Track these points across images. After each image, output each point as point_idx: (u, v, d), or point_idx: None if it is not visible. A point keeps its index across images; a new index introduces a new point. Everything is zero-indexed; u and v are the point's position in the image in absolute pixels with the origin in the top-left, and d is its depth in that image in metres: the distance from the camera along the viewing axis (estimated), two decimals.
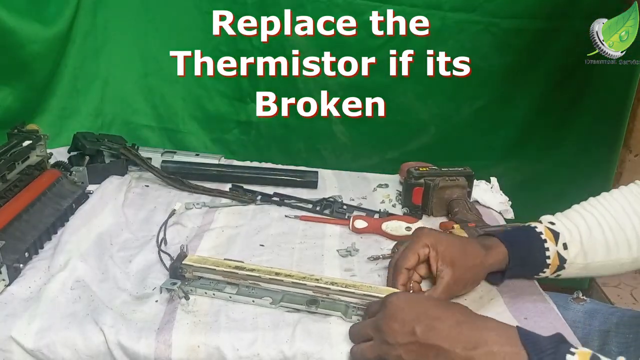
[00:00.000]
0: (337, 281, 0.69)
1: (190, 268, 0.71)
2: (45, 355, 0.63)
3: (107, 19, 1.15)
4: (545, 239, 0.72)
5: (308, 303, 0.68)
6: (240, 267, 0.71)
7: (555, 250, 0.71)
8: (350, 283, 0.69)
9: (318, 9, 1.11)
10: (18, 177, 0.87)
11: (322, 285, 0.68)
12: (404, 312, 0.57)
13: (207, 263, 0.72)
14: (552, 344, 0.51)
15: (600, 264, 0.72)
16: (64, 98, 1.16)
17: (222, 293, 0.71)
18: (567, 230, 0.73)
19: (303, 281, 0.69)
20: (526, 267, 0.73)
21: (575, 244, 0.72)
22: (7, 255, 0.71)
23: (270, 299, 0.69)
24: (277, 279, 0.69)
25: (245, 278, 0.70)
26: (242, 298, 0.70)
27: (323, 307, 0.68)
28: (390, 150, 1.30)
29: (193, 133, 1.26)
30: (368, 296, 0.67)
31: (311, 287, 0.69)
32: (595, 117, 1.29)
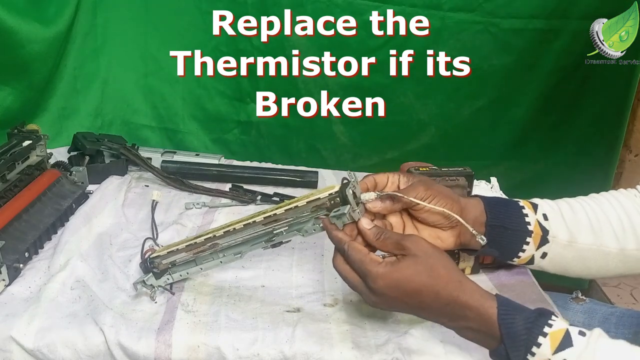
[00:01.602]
0: (280, 206, 0.65)
1: (159, 259, 0.71)
2: (45, 355, 0.63)
3: (107, 19, 1.15)
4: (523, 205, 0.67)
5: (267, 240, 0.66)
6: (198, 236, 0.70)
7: (535, 218, 0.66)
8: (293, 200, 0.64)
9: (318, 9, 1.11)
10: (18, 177, 0.87)
11: (269, 214, 0.64)
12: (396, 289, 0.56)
13: (169, 248, 0.71)
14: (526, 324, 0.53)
15: (586, 247, 0.66)
16: (64, 98, 1.16)
17: (194, 268, 0.70)
18: (547, 205, 0.68)
19: (251, 220, 0.66)
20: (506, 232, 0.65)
21: (556, 216, 0.67)
22: (7, 255, 0.71)
23: (236, 252, 0.68)
24: (229, 229, 0.67)
25: (204, 243, 0.68)
26: (211, 264, 0.70)
27: (281, 237, 0.66)
28: (390, 150, 1.30)
29: (193, 133, 1.26)
30: (311, 202, 0.62)
31: (260, 221, 0.65)
32: (595, 117, 1.29)
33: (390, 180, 0.65)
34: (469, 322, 0.56)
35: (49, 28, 1.05)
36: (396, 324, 0.68)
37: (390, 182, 0.65)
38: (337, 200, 0.60)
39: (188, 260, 0.71)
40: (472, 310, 0.55)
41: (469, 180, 0.98)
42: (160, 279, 0.71)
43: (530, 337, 0.53)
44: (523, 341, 0.53)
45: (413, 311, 0.59)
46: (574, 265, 0.68)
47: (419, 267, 0.56)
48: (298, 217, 0.64)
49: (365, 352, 0.63)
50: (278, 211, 0.64)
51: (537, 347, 0.52)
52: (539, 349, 0.52)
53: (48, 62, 1.08)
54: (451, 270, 0.57)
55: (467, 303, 0.56)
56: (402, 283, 0.56)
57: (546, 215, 0.66)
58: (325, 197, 0.61)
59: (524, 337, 0.53)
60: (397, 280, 0.56)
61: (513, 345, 0.54)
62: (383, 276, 0.56)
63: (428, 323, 0.68)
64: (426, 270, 0.56)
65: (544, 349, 0.52)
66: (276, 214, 0.64)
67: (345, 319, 0.68)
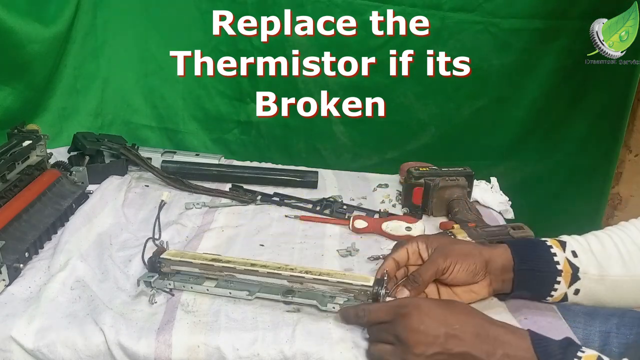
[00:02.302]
0: (310, 270, 0.69)
1: (168, 262, 0.71)
2: (45, 355, 0.63)
3: (107, 19, 1.15)
4: (551, 245, 0.68)
5: (284, 293, 0.68)
6: (217, 259, 0.71)
7: (564, 257, 0.67)
8: (325, 271, 0.69)
9: (318, 9, 1.11)
10: (18, 177, 0.87)
11: (296, 274, 0.68)
12: (424, 323, 0.58)
13: (184, 257, 0.72)
14: (560, 348, 0.55)
15: (618, 280, 0.67)
16: (64, 98, 1.16)
17: (200, 286, 0.71)
18: (575, 241, 0.69)
19: (278, 271, 0.69)
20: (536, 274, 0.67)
21: (585, 252, 0.67)
22: (7, 255, 0.71)
23: (247, 291, 0.69)
24: (252, 269, 0.69)
25: (221, 270, 0.70)
26: (220, 290, 0.70)
27: (299, 296, 0.68)
28: (390, 150, 1.30)
29: (193, 133, 1.26)
30: (342, 283, 0.67)
31: (286, 276, 0.69)
32: (595, 117, 1.29)
33: (410, 252, 0.70)
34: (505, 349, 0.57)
35: (49, 28, 1.05)
36: None
37: (411, 254, 0.70)
38: (367, 292, 0.66)
39: (196, 275, 0.71)
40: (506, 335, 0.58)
41: (469, 180, 0.98)
42: (163, 282, 0.71)
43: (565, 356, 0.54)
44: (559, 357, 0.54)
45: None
46: (609, 298, 0.68)
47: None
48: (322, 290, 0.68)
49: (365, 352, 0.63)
50: (307, 275, 0.68)
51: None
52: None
53: (48, 62, 1.08)
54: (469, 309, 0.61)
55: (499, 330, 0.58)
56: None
57: (575, 252, 0.67)
58: (358, 285, 0.67)
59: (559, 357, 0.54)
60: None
61: None
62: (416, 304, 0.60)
63: None
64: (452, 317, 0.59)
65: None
66: (304, 277, 0.68)
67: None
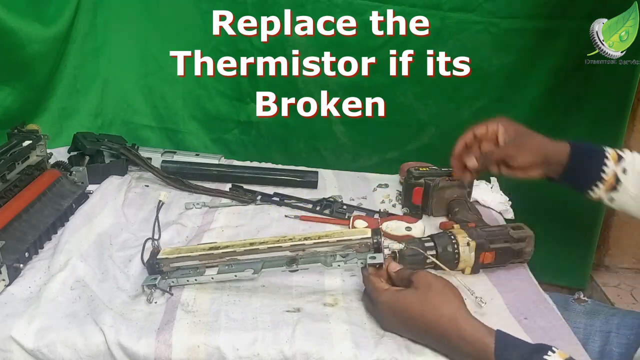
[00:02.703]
0: (309, 236, 0.70)
1: (166, 261, 0.71)
2: (45, 355, 0.63)
3: (107, 19, 1.15)
4: (608, 155, 0.77)
5: (288, 263, 0.69)
6: (215, 247, 0.71)
7: (613, 170, 0.77)
8: (323, 234, 0.70)
9: (318, 9, 1.11)
10: (18, 177, 0.87)
11: (297, 243, 0.69)
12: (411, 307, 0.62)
13: (181, 252, 0.72)
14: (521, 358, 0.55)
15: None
16: (64, 98, 1.16)
17: (204, 277, 0.71)
18: (632, 159, 0.77)
19: (278, 244, 0.69)
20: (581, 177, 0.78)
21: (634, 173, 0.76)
22: (7, 255, 0.71)
23: (252, 270, 0.69)
24: (252, 248, 0.69)
25: (221, 256, 0.70)
26: (224, 276, 0.70)
27: (303, 262, 0.69)
28: (390, 150, 1.30)
29: (193, 133, 1.26)
30: (342, 241, 0.68)
31: (287, 247, 0.69)
32: (595, 117, 1.29)
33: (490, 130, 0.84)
34: (465, 356, 0.59)
35: (49, 28, 1.05)
36: None
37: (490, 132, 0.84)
38: (367, 244, 0.68)
39: (196, 267, 0.71)
40: (468, 344, 0.59)
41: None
42: (166, 281, 0.71)
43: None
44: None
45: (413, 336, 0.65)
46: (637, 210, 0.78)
47: (415, 297, 0.63)
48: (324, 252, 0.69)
49: (365, 352, 0.63)
50: (306, 242, 0.68)
51: None
52: None
53: (48, 62, 1.08)
54: (449, 303, 0.61)
55: (462, 337, 0.59)
56: (398, 309, 0.63)
57: (625, 170, 0.77)
58: (357, 239, 0.68)
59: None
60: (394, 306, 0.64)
61: None
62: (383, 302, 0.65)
63: None
64: (420, 301, 0.62)
65: None
66: (305, 244, 0.68)
67: (345, 319, 0.68)
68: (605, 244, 1.65)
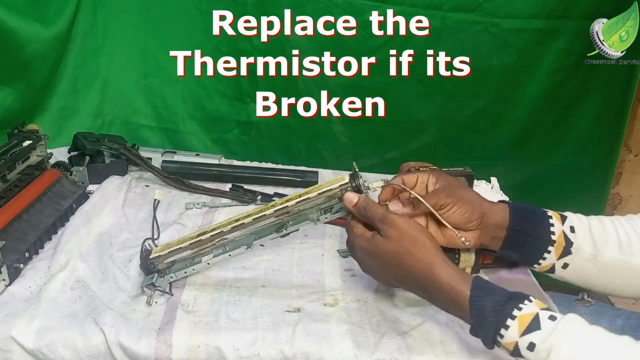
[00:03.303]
0: (290, 197, 0.70)
1: (159, 259, 0.71)
2: (45, 355, 0.63)
3: (107, 19, 1.15)
4: (551, 215, 0.68)
5: (277, 229, 0.69)
6: (202, 232, 0.71)
7: (561, 229, 0.67)
8: (304, 192, 0.69)
9: (318, 9, 1.11)
10: (18, 177, 0.87)
11: (280, 207, 0.68)
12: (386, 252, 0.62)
13: (171, 246, 0.71)
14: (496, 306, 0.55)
15: (610, 263, 0.66)
16: (64, 98, 1.16)
17: (200, 264, 0.71)
18: (576, 217, 0.69)
19: (262, 213, 0.69)
20: (528, 238, 0.67)
21: (584, 229, 0.67)
22: (7, 255, 0.71)
23: (245, 245, 0.70)
24: (239, 224, 0.69)
25: (211, 239, 0.70)
26: (220, 258, 0.71)
27: (292, 225, 0.69)
28: (390, 150, 1.30)
29: (193, 133, 1.26)
30: (322, 193, 0.68)
31: (271, 214, 0.69)
32: (595, 117, 1.29)
33: (420, 181, 0.70)
34: (442, 303, 0.60)
35: (49, 28, 1.05)
36: (396, 324, 0.68)
37: (420, 182, 0.70)
38: (348, 189, 0.67)
39: (191, 256, 0.71)
40: (443, 291, 0.58)
41: (469, 180, 0.98)
42: (164, 278, 0.71)
43: (498, 319, 0.55)
44: (491, 323, 0.55)
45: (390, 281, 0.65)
46: (598, 279, 0.68)
47: (389, 245, 0.61)
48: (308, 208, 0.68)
49: (365, 352, 0.63)
50: (289, 203, 0.68)
51: (505, 329, 0.54)
52: (507, 331, 0.54)
53: (48, 62, 1.08)
54: (424, 250, 0.60)
55: (438, 283, 0.59)
56: (373, 256, 0.63)
57: (573, 228, 0.67)
58: (337, 187, 0.67)
59: (492, 319, 0.55)
60: (369, 252, 0.63)
61: (481, 326, 0.56)
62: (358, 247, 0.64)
63: (428, 324, 0.68)
64: (394, 249, 0.61)
65: (512, 331, 0.54)
66: (287, 206, 0.68)
67: (345, 319, 0.68)
68: None
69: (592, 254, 0.67)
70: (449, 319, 0.68)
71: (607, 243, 0.67)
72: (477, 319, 0.56)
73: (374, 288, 0.75)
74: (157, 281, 0.70)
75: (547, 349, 0.52)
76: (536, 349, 0.52)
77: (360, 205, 0.65)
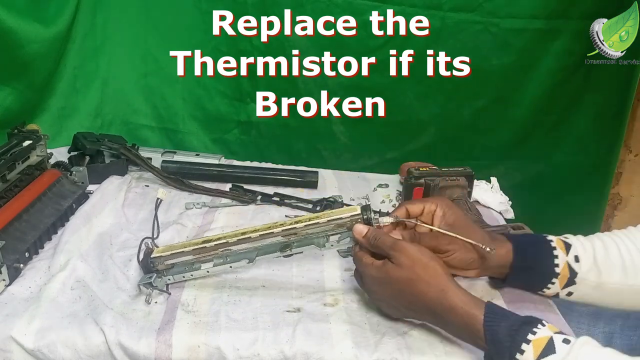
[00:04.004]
0: (300, 219, 0.70)
1: (160, 259, 0.71)
2: (45, 355, 0.63)
3: (107, 19, 1.15)
4: (555, 246, 0.69)
5: (281, 249, 0.69)
6: (207, 240, 0.71)
7: (565, 260, 0.68)
8: (314, 216, 0.70)
9: (318, 9, 1.11)
10: (18, 177, 0.87)
11: (288, 228, 0.69)
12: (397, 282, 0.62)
13: (174, 249, 0.72)
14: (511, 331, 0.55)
15: (616, 288, 0.68)
16: (64, 98, 1.16)
17: (199, 271, 0.71)
18: (581, 244, 0.69)
19: (269, 230, 0.69)
20: (532, 272, 0.69)
21: (588, 258, 0.68)
22: (7, 255, 0.71)
23: (247, 260, 0.70)
24: (245, 237, 0.69)
25: (215, 248, 0.70)
26: (220, 268, 0.71)
27: (297, 246, 0.69)
28: (390, 150, 1.30)
29: (193, 133, 1.26)
30: (332, 221, 0.68)
31: (279, 233, 0.69)
32: (595, 117, 1.29)
33: (426, 211, 0.70)
34: (455, 328, 0.60)
35: (49, 28, 1.05)
36: (396, 324, 0.68)
37: (425, 213, 0.70)
38: (358, 220, 0.68)
39: (192, 262, 0.71)
40: (457, 317, 0.59)
41: (469, 180, 0.98)
42: (162, 279, 0.71)
43: (513, 344, 0.55)
44: (507, 348, 0.55)
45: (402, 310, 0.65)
46: (604, 302, 0.70)
47: (400, 273, 0.62)
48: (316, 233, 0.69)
49: (365, 352, 0.63)
50: (298, 225, 0.68)
51: (521, 354, 0.54)
52: (522, 355, 0.54)
53: (48, 62, 1.08)
54: (436, 277, 0.61)
55: (451, 309, 0.59)
56: (385, 284, 0.63)
57: (578, 257, 0.68)
58: (348, 217, 0.68)
59: (507, 344, 0.55)
60: (380, 281, 0.64)
61: (497, 351, 0.56)
62: (369, 276, 0.65)
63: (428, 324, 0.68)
64: (406, 276, 0.61)
65: (527, 355, 0.54)
66: (296, 227, 0.68)
67: (345, 319, 0.68)
68: None
69: (597, 282, 0.68)
70: None
71: (611, 268, 0.68)
72: (492, 344, 0.56)
73: None
74: (155, 281, 0.70)
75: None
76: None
77: (370, 236, 0.66)
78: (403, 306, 0.64)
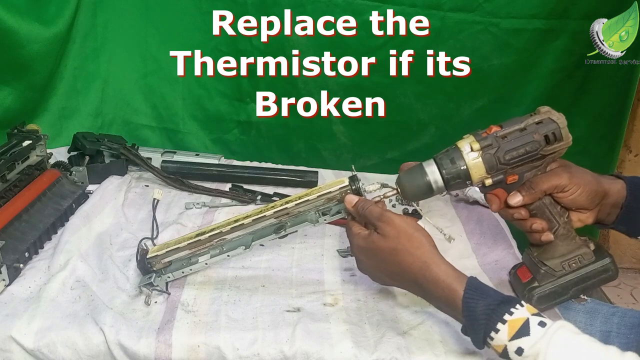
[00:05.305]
0: (290, 199, 0.71)
1: (157, 258, 0.71)
2: (45, 355, 0.63)
3: (107, 19, 1.15)
4: None
5: (276, 230, 0.70)
6: (201, 232, 0.72)
7: None
8: (303, 193, 0.70)
9: (318, 9, 1.11)
10: (18, 177, 0.87)
11: (280, 209, 0.69)
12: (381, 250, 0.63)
13: (169, 246, 0.72)
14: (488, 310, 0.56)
15: None
16: (64, 98, 1.16)
17: (197, 265, 0.71)
18: None
19: (261, 214, 0.70)
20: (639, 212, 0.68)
21: None
22: (7, 255, 0.71)
23: (243, 246, 0.70)
24: (238, 224, 0.70)
25: (209, 240, 0.70)
26: (218, 259, 0.71)
27: (291, 226, 0.70)
28: (390, 150, 1.30)
29: (193, 133, 1.26)
30: (322, 196, 0.69)
31: (271, 215, 0.69)
32: (595, 117, 1.29)
33: None
34: (436, 300, 0.61)
35: (49, 28, 1.05)
36: (396, 324, 0.68)
37: None
38: (347, 192, 0.69)
39: (189, 256, 0.71)
40: (438, 289, 0.59)
41: None
42: (162, 278, 0.71)
43: (489, 322, 0.55)
44: (482, 325, 0.56)
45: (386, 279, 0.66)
46: None
47: (386, 243, 0.62)
48: (308, 210, 0.69)
49: (365, 352, 0.63)
50: (288, 205, 0.68)
51: (495, 333, 0.55)
52: (497, 334, 0.55)
53: (48, 62, 1.08)
54: (421, 248, 0.61)
55: (433, 281, 0.60)
56: (370, 254, 0.64)
57: None
58: (337, 190, 0.68)
59: (482, 322, 0.56)
60: (366, 251, 0.65)
61: (472, 328, 0.57)
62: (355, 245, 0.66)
63: (428, 324, 0.68)
64: (391, 247, 0.62)
65: (502, 335, 0.55)
66: (287, 207, 0.68)
67: (345, 319, 0.68)
68: (605, 243, 1.65)
69: None
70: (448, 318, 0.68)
71: None
72: (469, 320, 0.57)
73: (374, 288, 0.75)
74: (155, 281, 0.70)
75: (534, 354, 0.53)
76: (524, 354, 0.54)
77: (358, 206, 0.67)
78: (387, 276, 0.65)
